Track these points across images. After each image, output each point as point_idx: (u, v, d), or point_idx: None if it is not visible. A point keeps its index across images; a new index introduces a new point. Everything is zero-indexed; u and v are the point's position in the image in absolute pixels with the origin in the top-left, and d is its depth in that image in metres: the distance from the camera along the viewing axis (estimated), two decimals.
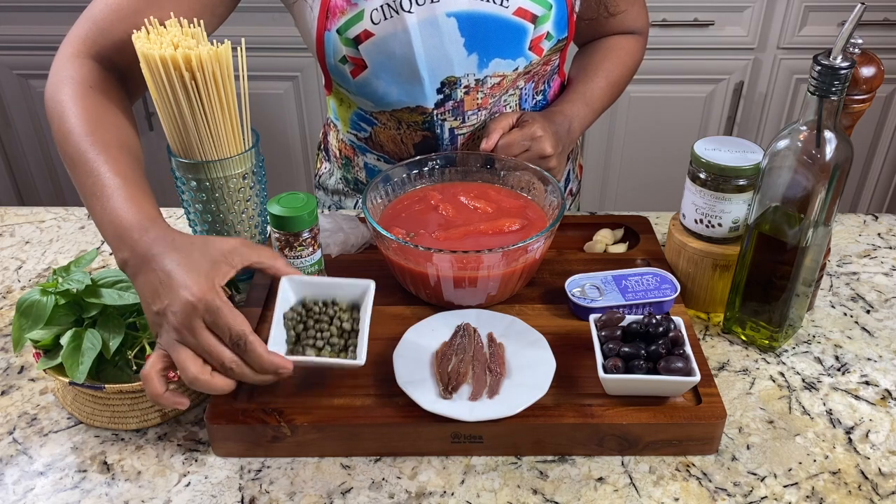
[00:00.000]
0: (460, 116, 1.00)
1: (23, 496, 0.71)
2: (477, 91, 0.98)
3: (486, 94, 0.98)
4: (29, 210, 1.15)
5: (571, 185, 1.21)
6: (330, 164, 1.19)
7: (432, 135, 1.01)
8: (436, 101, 0.97)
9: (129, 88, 0.89)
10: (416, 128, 1.01)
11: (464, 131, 1.02)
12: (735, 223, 0.86)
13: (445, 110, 0.99)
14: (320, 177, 1.22)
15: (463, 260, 0.81)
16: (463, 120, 1.00)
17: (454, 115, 0.99)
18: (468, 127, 1.01)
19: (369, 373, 0.78)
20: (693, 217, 0.88)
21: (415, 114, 0.99)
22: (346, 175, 1.15)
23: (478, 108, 1.00)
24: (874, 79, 0.78)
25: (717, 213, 0.86)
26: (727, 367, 0.85)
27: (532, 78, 1.03)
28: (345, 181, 1.16)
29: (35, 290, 0.77)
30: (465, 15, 0.91)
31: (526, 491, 0.71)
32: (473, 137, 1.03)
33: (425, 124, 1.00)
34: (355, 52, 0.93)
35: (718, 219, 0.86)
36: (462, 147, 1.03)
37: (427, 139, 1.02)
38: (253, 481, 0.72)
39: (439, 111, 0.99)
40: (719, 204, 0.85)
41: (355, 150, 1.11)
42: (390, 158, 1.08)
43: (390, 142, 1.05)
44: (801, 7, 1.95)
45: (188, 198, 0.90)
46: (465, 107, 0.99)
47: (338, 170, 1.17)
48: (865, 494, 0.70)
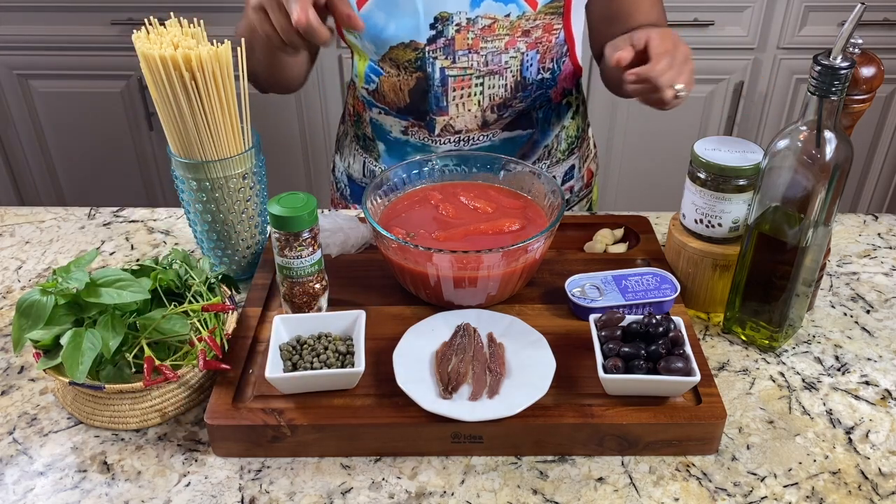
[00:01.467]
0: (451, 56, 1.03)
1: (23, 496, 0.71)
2: (468, 31, 1.01)
3: (477, 34, 1.01)
4: (29, 210, 1.15)
5: (573, 183, 1.21)
6: (344, 125, 1.24)
7: (424, 75, 1.05)
8: (428, 36, 1.01)
9: None
10: (411, 69, 1.05)
11: (454, 73, 1.04)
12: (735, 223, 0.86)
13: (437, 48, 1.02)
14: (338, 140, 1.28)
15: (463, 260, 0.81)
16: (453, 60, 1.03)
17: (445, 54, 1.03)
18: (458, 69, 1.04)
19: (369, 373, 0.78)
20: (693, 217, 0.88)
21: (408, 50, 1.03)
22: (357, 132, 1.20)
23: (468, 50, 1.03)
24: (874, 79, 0.78)
25: (717, 213, 0.86)
26: (727, 367, 0.85)
27: (535, 46, 1.04)
28: (357, 138, 1.20)
29: (35, 290, 0.77)
30: None
31: (526, 491, 0.71)
32: (463, 84, 1.06)
33: (418, 62, 1.04)
34: None
35: (718, 219, 0.86)
36: (452, 89, 1.06)
37: (420, 81, 1.06)
38: (253, 481, 0.72)
39: (431, 48, 1.02)
40: (719, 204, 0.85)
41: (364, 105, 1.15)
42: (389, 110, 1.11)
43: (391, 91, 1.09)
44: (801, 7, 1.95)
45: (188, 198, 0.90)
46: (456, 45, 1.02)
47: (351, 128, 1.21)
48: (865, 494, 0.70)
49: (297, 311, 0.85)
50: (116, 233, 1.10)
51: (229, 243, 0.93)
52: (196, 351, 0.77)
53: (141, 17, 1.90)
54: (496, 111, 1.09)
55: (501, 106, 1.08)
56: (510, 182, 0.98)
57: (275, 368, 0.75)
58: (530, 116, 1.12)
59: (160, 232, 1.10)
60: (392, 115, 1.12)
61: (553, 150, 1.16)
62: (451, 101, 1.07)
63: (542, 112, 1.13)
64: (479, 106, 1.08)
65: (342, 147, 1.26)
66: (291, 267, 0.83)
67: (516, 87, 1.07)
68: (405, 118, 1.11)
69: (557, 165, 1.18)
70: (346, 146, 1.24)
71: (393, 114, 1.11)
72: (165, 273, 0.84)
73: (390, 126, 1.13)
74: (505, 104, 1.09)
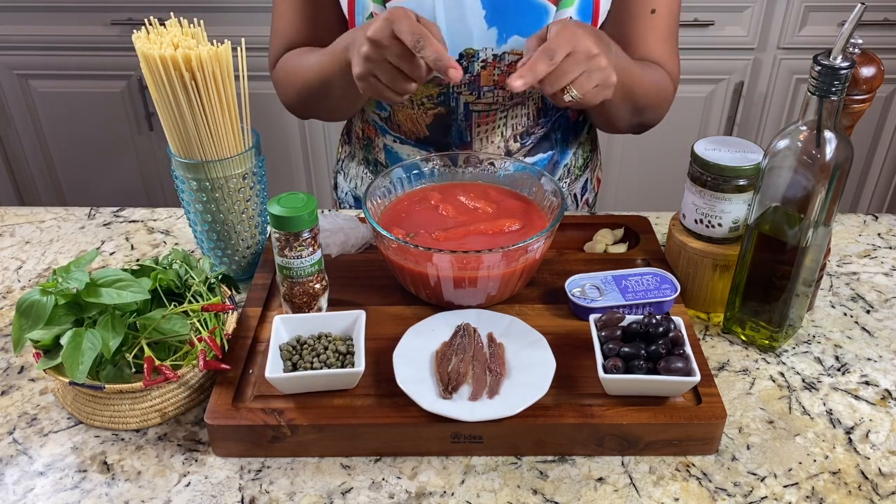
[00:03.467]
0: (476, 91, 1.01)
1: (23, 496, 0.71)
2: (494, 67, 0.99)
3: (504, 70, 0.99)
4: (29, 210, 1.15)
5: (588, 196, 1.21)
6: (351, 147, 1.22)
7: (447, 109, 1.03)
8: None
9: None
10: (432, 103, 1.03)
11: (479, 108, 1.03)
12: (735, 223, 0.86)
13: (462, 83, 1.00)
14: (342, 161, 1.25)
15: (463, 260, 0.81)
16: (479, 95, 1.01)
17: (470, 90, 1.01)
18: (483, 104, 1.02)
19: (369, 373, 0.78)
20: (693, 217, 0.88)
21: (430, 85, 1.01)
22: (367, 156, 1.18)
23: (494, 85, 1.01)
24: (874, 79, 0.78)
25: (717, 213, 0.86)
26: (727, 367, 0.85)
27: None
28: (366, 162, 1.18)
29: (35, 290, 0.77)
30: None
31: (526, 491, 0.71)
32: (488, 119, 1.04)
33: (441, 97, 1.02)
34: (383, 9, 0.95)
35: (718, 219, 0.86)
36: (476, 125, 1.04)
37: (441, 117, 1.04)
38: (253, 481, 0.72)
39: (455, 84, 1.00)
40: (719, 204, 0.85)
41: (376, 131, 1.13)
42: (406, 139, 1.09)
43: (407, 121, 1.07)
44: (801, 7, 1.95)
45: (188, 198, 0.90)
46: (482, 81, 1.00)
47: (359, 151, 1.19)
48: (865, 494, 0.70)
49: (297, 311, 0.85)
50: (116, 233, 1.10)
51: (229, 243, 0.93)
52: (196, 351, 0.77)
53: (141, 17, 1.91)
54: (519, 139, 1.08)
55: (524, 134, 1.07)
56: (510, 182, 0.98)
57: (275, 368, 0.75)
58: (550, 138, 1.11)
59: (160, 232, 1.10)
60: (410, 144, 1.10)
61: (572, 167, 1.16)
62: (475, 136, 1.05)
63: (560, 133, 1.11)
64: (502, 137, 1.07)
65: (347, 169, 1.23)
66: (291, 267, 0.83)
67: (538, 114, 1.06)
68: (425, 148, 1.09)
69: (576, 182, 1.18)
70: (354, 168, 1.21)
71: (411, 143, 1.09)
72: (165, 273, 0.84)
73: (407, 155, 1.10)
74: (528, 132, 1.08)
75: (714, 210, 0.86)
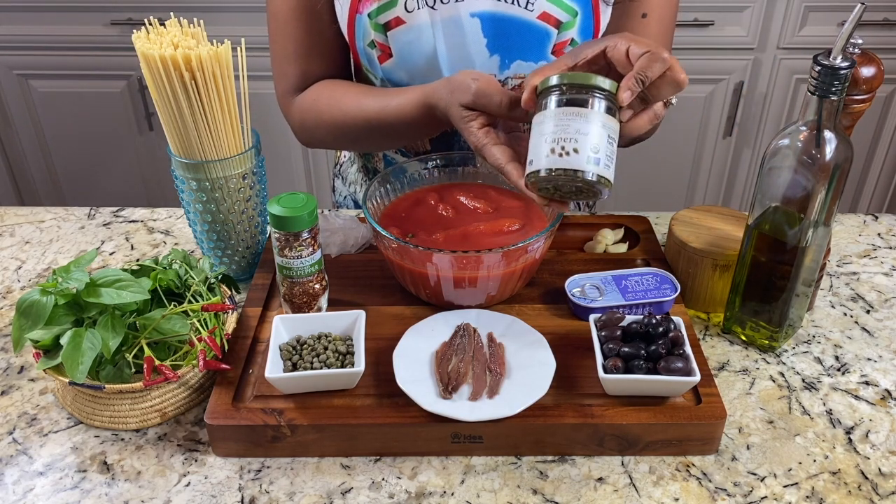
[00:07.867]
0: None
1: (23, 496, 0.71)
2: None
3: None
4: (29, 210, 1.15)
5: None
6: (350, 153, 1.21)
7: (450, 131, 1.02)
8: None
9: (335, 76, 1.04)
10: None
11: None
12: (595, 151, 0.70)
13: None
14: (340, 165, 1.24)
15: (463, 260, 0.81)
16: None
17: None
18: None
19: (369, 373, 0.78)
20: (546, 149, 0.70)
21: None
22: (366, 164, 1.17)
23: None
24: (874, 79, 0.78)
25: (573, 135, 0.70)
26: (727, 367, 0.85)
27: None
28: (365, 170, 1.17)
29: (35, 290, 0.77)
30: (489, 16, 0.92)
31: (526, 491, 0.71)
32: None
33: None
34: (384, 38, 0.94)
35: (574, 143, 0.70)
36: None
37: (445, 134, 1.03)
38: (253, 481, 0.72)
39: None
40: (575, 124, 0.70)
41: None
42: (406, 151, 1.09)
43: None
44: (801, 7, 1.95)
45: (188, 198, 0.90)
46: None
47: (358, 158, 1.18)
48: (865, 494, 0.70)
49: (297, 311, 0.85)
50: (116, 233, 1.10)
51: (229, 243, 0.93)
52: (196, 351, 0.77)
53: (141, 17, 1.91)
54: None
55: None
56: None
57: (275, 368, 0.75)
58: None
59: (160, 232, 1.10)
60: (409, 154, 1.08)
61: None
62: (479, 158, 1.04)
63: None
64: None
65: (345, 174, 1.22)
66: (291, 267, 0.83)
67: None
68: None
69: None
70: (353, 174, 1.20)
71: (410, 154, 1.08)
72: (165, 273, 0.84)
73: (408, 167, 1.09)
74: None
75: (568, 132, 0.70)
